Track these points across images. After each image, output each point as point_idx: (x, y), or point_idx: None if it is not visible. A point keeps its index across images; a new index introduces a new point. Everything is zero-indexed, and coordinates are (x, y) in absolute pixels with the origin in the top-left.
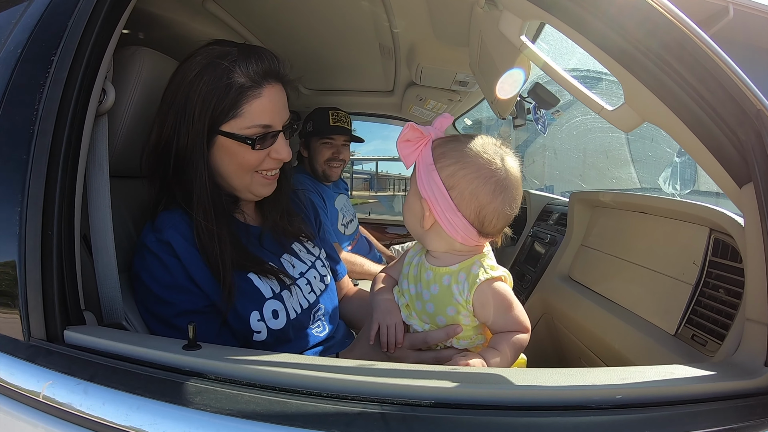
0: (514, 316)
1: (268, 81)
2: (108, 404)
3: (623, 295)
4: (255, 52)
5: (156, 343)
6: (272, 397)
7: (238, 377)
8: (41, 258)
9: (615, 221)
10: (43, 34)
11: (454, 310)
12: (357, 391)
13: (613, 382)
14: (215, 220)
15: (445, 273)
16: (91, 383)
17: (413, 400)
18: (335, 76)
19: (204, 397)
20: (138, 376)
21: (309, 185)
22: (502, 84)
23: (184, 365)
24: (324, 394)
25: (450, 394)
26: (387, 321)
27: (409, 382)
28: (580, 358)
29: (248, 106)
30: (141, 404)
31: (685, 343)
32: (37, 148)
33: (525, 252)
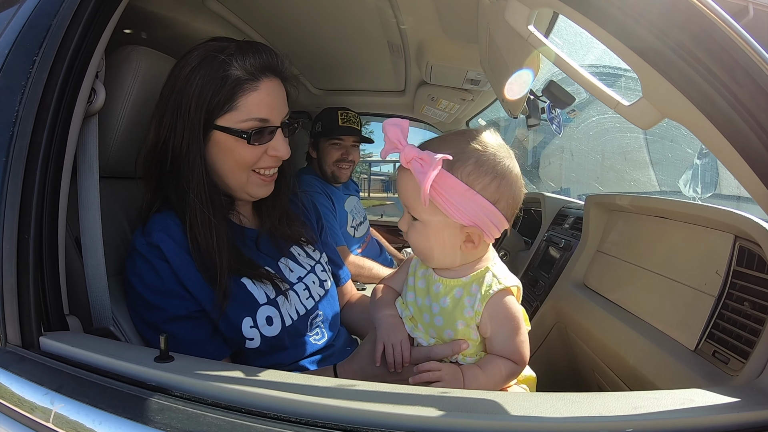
0: (516, 342)
1: (266, 75)
2: (73, 416)
3: (640, 306)
4: (253, 46)
5: (129, 353)
6: (236, 419)
7: (203, 395)
8: (17, 263)
9: (632, 226)
10: (27, 36)
11: (463, 323)
12: (326, 417)
13: (624, 413)
14: (211, 218)
15: (457, 285)
16: (58, 394)
17: (389, 429)
18: (345, 75)
19: (166, 416)
20: (104, 389)
21: (318, 187)
22: (511, 82)
23: (151, 379)
24: (291, 418)
25: (430, 425)
26: (392, 339)
27: (386, 408)
28: (593, 371)
29: (244, 99)
30: (103, 419)
31: (706, 360)
32: (16, 149)
33: (539, 257)
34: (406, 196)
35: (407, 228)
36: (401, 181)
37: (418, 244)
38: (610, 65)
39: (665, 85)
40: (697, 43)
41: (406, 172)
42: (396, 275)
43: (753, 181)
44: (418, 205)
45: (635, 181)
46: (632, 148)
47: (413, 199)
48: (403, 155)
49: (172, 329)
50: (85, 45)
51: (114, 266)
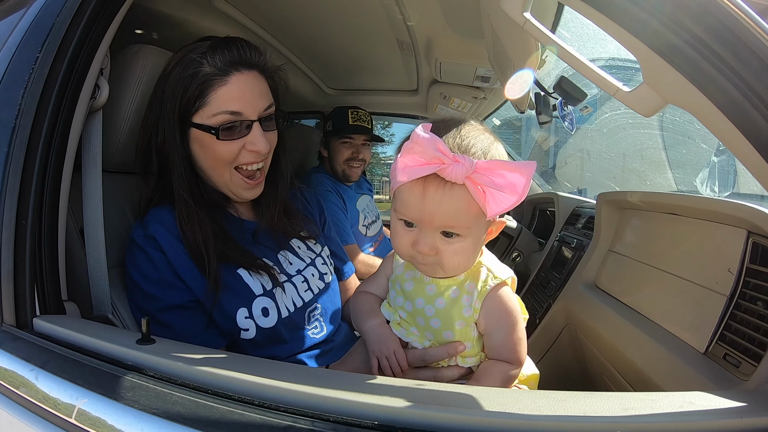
0: (513, 339)
1: (238, 69)
2: (53, 391)
3: (651, 307)
4: (227, 42)
5: (114, 336)
6: (201, 399)
7: (174, 375)
8: (14, 248)
9: (644, 224)
10: (31, 35)
11: (462, 323)
12: (291, 402)
13: (613, 414)
14: (195, 211)
15: (453, 285)
16: (42, 370)
17: (353, 418)
18: (358, 75)
19: (136, 393)
20: (84, 367)
21: (329, 185)
22: (513, 75)
23: (128, 359)
24: (255, 401)
25: (400, 416)
26: (384, 352)
27: (354, 396)
28: (602, 374)
29: (214, 94)
30: (79, 394)
31: (716, 363)
32: (17, 141)
33: (552, 257)
34: (445, 217)
35: (438, 249)
36: (439, 201)
37: (459, 261)
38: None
39: (666, 68)
40: (697, 21)
41: (450, 188)
42: (375, 280)
43: (759, 164)
44: (467, 220)
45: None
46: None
47: (461, 215)
48: (459, 169)
49: (167, 318)
50: (87, 43)
51: (118, 257)
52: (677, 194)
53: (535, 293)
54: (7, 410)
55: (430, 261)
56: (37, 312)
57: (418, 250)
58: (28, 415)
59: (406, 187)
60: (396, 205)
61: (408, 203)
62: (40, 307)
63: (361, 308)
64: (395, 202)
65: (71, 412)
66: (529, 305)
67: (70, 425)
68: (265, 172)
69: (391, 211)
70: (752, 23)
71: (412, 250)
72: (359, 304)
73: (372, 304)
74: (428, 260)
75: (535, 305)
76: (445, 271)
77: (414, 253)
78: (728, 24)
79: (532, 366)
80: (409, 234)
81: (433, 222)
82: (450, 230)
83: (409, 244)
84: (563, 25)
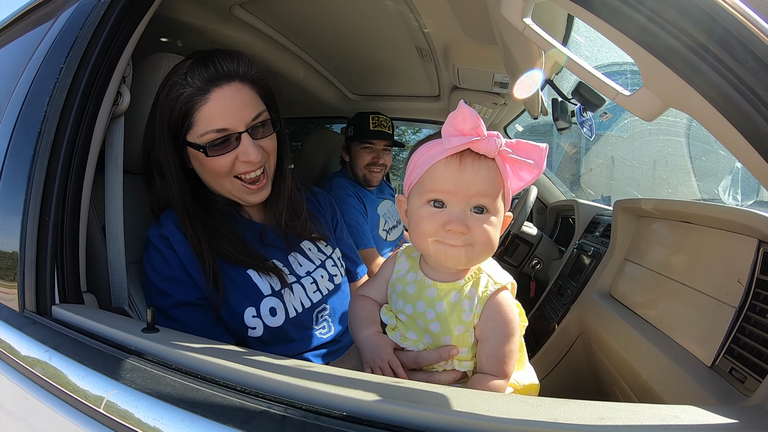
0: (504, 351)
1: (217, 84)
2: (64, 369)
3: (662, 317)
4: (204, 58)
5: (122, 324)
6: (189, 383)
7: (170, 361)
8: (37, 241)
9: (659, 232)
10: (57, 46)
11: (462, 328)
12: (267, 389)
13: (586, 422)
14: (190, 223)
15: (453, 289)
16: (55, 351)
17: (323, 407)
18: (380, 81)
19: (134, 375)
20: (92, 350)
21: (350, 189)
22: (520, 80)
23: (132, 344)
24: (237, 387)
25: (366, 408)
26: (378, 362)
27: (326, 388)
28: (612, 385)
29: (199, 114)
30: (84, 374)
31: (722, 377)
32: (41, 145)
33: (570, 265)
34: (480, 189)
35: (469, 227)
36: (476, 172)
37: (491, 236)
38: None
39: (664, 71)
40: (695, 23)
41: (483, 162)
42: (375, 283)
43: (761, 166)
44: (496, 193)
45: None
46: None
47: (492, 187)
48: (493, 143)
49: (177, 314)
50: (108, 54)
51: (137, 254)
52: (690, 202)
53: (551, 301)
54: (22, 386)
55: (460, 241)
56: (56, 300)
57: (450, 228)
58: (41, 391)
59: (442, 162)
60: (426, 186)
61: (444, 177)
62: (60, 296)
63: (358, 316)
64: (422, 187)
65: (76, 388)
66: (545, 313)
67: (73, 399)
68: (269, 174)
69: (412, 202)
70: (747, 20)
71: (440, 232)
72: (356, 311)
73: (369, 312)
74: (458, 240)
75: (551, 313)
76: (474, 250)
77: (442, 235)
78: (723, 22)
79: (532, 375)
80: (438, 215)
81: (469, 191)
82: (481, 203)
83: (439, 226)
84: (576, 30)
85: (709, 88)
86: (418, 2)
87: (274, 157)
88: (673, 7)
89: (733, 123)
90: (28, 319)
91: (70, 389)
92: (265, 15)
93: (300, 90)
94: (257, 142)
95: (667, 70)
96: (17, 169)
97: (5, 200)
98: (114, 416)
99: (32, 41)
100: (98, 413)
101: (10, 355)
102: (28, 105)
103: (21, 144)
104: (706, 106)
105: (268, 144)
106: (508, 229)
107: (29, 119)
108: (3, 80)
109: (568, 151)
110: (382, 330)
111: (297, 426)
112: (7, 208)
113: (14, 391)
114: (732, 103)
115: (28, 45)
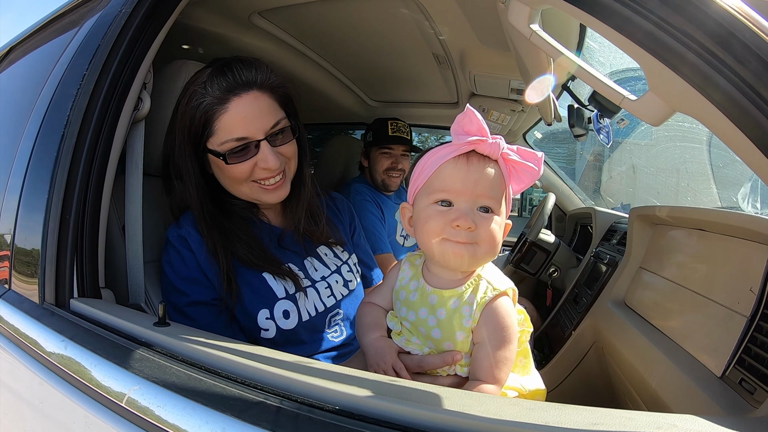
0: (498, 357)
1: (236, 94)
2: (78, 358)
3: (673, 326)
4: (223, 67)
5: (135, 318)
6: (193, 373)
7: (176, 352)
8: (58, 238)
9: (674, 240)
10: (81, 53)
11: (463, 335)
12: (265, 381)
13: (578, 427)
14: (207, 229)
15: (453, 296)
16: (71, 341)
17: (316, 401)
18: (399, 88)
19: (142, 365)
20: (105, 341)
21: (368, 195)
22: (530, 87)
23: (143, 337)
24: (237, 379)
25: (359, 404)
26: (382, 366)
27: (321, 382)
28: (624, 395)
29: (218, 123)
30: (97, 362)
31: (731, 388)
32: (64, 147)
33: (586, 273)
34: (485, 188)
35: (476, 224)
36: (482, 172)
37: (495, 236)
38: None
39: (670, 75)
40: (698, 26)
41: (488, 163)
42: (381, 290)
43: None
44: (500, 194)
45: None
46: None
47: (497, 188)
48: (497, 145)
49: (192, 312)
50: (129, 62)
51: (155, 253)
52: (704, 209)
53: (567, 309)
54: (39, 373)
55: (466, 238)
56: (74, 294)
57: (458, 224)
58: (55, 378)
59: (450, 162)
60: (434, 187)
61: (452, 176)
62: (79, 290)
63: (363, 321)
64: (429, 188)
65: (87, 375)
66: (561, 321)
67: (84, 386)
68: (287, 176)
69: (418, 204)
70: (749, 22)
71: (447, 229)
72: (362, 317)
73: (374, 317)
74: (464, 237)
75: (566, 321)
76: (479, 249)
77: (449, 232)
78: (726, 24)
79: (537, 381)
80: (446, 213)
81: (476, 190)
82: (487, 204)
83: (446, 223)
84: (590, 36)
85: (714, 92)
86: (433, 10)
87: (295, 161)
88: (677, 12)
89: (738, 126)
90: (47, 311)
91: (85, 378)
92: (283, 23)
93: (321, 97)
94: (277, 149)
95: (672, 74)
96: (41, 169)
97: (30, 198)
98: (124, 404)
99: (58, 47)
100: (107, 400)
101: (29, 345)
102: (53, 108)
103: (45, 146)
104: (711, 110)
105: (287, 150)
106: (525, 237)
107: (53, 122)
108: (31, 83)
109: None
110: (388, 335)
111: (290, 417)
112: (32, 206)
113: (30, 378)
114: (737, 106)
115: (55, 50)
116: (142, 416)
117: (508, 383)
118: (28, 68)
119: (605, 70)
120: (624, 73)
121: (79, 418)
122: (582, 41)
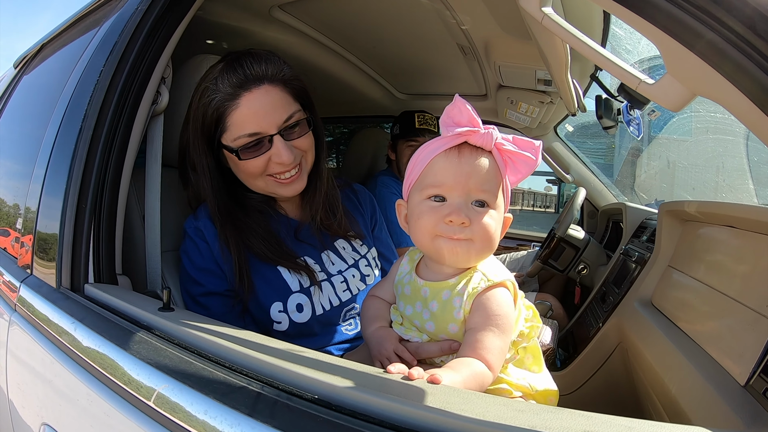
0: (489, 342)
1: (246, 89)
2: (85, 340)
3: (698, 329)
4: (234, 62)
5: (142, 303)
6: (185, 356)
7: (173, 336)
8: (74, 225)
9: (704, 237)
10: (99, 50)
11: (456, 327)
12: (250, 367)
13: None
14: (221, 225)
15: (444, 288)
16: (80, 323)
17: (297, 389)
18: (427, 80)
19: (140, 347)
20: (110, 323)
21: (394, 188)
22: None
23: (144, 320)
24: (225, 363)
25: (338, 394)
26: (384, 353)
27: (304, 370)
28: (646, 400)
29: (230, 119)
30: (100, 343)
31: (755, 398)
32: (81, 140)
33: (615, 271)
34: (478, 181)
35: (470, 219)
36: (474, 164)
37: (491, 231)
38: None
39: (689, 56)
40: (718, 2)
41: (481, 154)
42: (384, 284)
43: None
44: (495, 186)
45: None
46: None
47: (491, 180)
48: (489, 136)
49: (206, 302)
50: (146, 57)
51: (174, 242)
52: (734, 204)
53: (594, 308)
54: (50, 352)
55: (460, 234)
56: (90, 279)
57: (451, 219)
58: (64, 357)
59: (441, 156)
60: (426, 182)
61: (444, 170)
62: (95, 276)
63: (366, 314)
64: (422, 183)
65: (92, 355)
66: (587, 320)
67: (88, 365)
68: (304, 168)
69: (412, 200)
70: None
71: (441, 225)
72: (365, 310)
73: (377, 309)
74: (459, 233)
75: (592, 321)
76: (474, 246)
77: (443, 228)
78: None
79: (548, 381)
80: (438, 209)
81: (469, 183)
82: (481, 198)
83: (439, 219)
84: (615, 22)
85: (736, 73)
86: None
87: (311, 153)
88: None
89: (763, 109)
90: (62, 294)
91: (89, 357)
92: (305, 16)
93: (348, 89)
94: (291, 143)
95: (691, 55)
96: (61, 160)
97: (50, 187)
98: (118, 380)
99: (81, 45)
100: (107, 378)
101: (44, 325)
102: (73, 103)
103: (65, 138)
104: (734, 93)
105: (302, 143)
106: (554, 232)
107: (73, 116)
108: (56, 80)
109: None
110: (391, 327)
111: (268, 404)
112: (52, 194)
113: (44, 357)
114: (761, 88)
115: (77, 48)
116: (134, 393)
117: (515, 382)
118: (55, 65)
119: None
120: (652, 61)
121: (82, 396)
122: (607, 28)
